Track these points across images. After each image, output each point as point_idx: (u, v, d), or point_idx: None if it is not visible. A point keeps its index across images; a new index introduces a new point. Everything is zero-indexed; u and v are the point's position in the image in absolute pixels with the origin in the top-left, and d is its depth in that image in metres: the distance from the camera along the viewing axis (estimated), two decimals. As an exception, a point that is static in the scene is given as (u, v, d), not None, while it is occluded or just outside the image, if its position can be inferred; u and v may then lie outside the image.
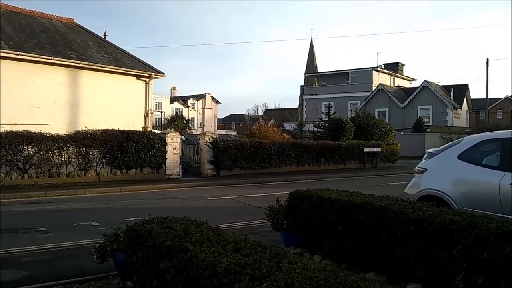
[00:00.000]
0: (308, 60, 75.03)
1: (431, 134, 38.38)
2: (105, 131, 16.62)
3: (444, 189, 6.59)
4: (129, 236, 4.75)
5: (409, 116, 46.62)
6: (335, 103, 46.90)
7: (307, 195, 6.19)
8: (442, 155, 7.08)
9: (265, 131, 26.78)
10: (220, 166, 19.26)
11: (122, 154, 16.65)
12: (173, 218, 4.80)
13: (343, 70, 56.54)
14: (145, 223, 4.66)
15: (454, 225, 4.38)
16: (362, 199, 5.49)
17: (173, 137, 18.39)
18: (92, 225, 9.18)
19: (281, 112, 66.16)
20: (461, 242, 4.26)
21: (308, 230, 6.12)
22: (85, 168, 16.31)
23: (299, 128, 40.82)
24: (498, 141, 6.54)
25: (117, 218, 9.76)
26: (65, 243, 7.50)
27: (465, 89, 50.60)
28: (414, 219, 4.72)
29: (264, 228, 8.03)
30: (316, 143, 23.54)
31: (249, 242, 3.71)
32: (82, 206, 11.78)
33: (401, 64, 58.98)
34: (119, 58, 21.32)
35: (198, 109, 79.29)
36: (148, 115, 21.50)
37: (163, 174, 17.81)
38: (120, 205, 12.15)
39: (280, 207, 6.72)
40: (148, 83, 21.61)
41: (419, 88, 48.66)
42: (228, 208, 11.60)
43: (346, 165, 23.96)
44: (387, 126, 27.97)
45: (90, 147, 16.24)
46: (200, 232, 4.12)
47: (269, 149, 20.55)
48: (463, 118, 50.68)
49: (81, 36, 21.67)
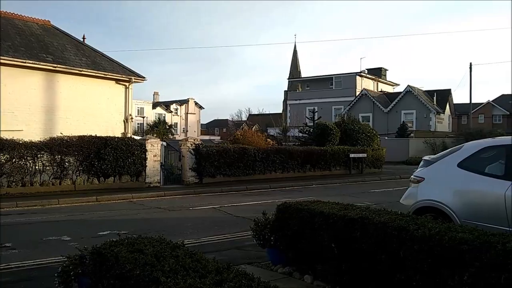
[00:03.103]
0: (292, 65, 74.78)
1: (415, 139, 38.25)
2: (82, 137, 15.87)
3: (444, 200, 6.09)
4: (94, 260, 4.13)
5: (393, 121, 46.55)
6: (319, 108, 46.60)
7: (296, 209, 5.62)
8: (441, 163, 6.58)
9: (249, 136, 26.17)
10: (203, 173, 18.62)
11: (99, 162, 15.90)
12: (145, 238, 4.19)
13: (326, 75, 56.37)
14: (113, 245, 4.05)
15: (465, 245, 3.84)
16: (358, 214, 4.94)
17: (153, 144, 17.70)
18: (62, 240, 8.49)
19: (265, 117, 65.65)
20: (474, 264, 3.73)
21: (298, 248, 5.55)
22: (60, 177, 15.52)
23: (284, 133, 40.28)
24: (501, 148, 6.06)
25: (91, 232, 9.14)
26: (30, 262, 6.81)
27: (448, 94, 50.81)
28: (418, 237, 4.17)
29: (249, 242, 7.46)
30: (301, 149, 23.05)
31: (233, 272, 3.13)
32: (55, 218, 11.05)
33: (384, 69, 59.05)
34: (97, 62, 20.59)
35: (181, 114, 78.38)
36: (128, 120, 20.79)
37: (143, 182, 17.08)
38: (95, 216, 11.42)
39: (266, 221, 6.14)
40: (128, 88, 20.91)
41: (402, 93, 48.67)
42: (210, 219, 10.97)
43: (331, 171, 23.53)
44: (372, 131, 27.62)
45: (65, 154, 15.46)
46: (175, 257, 3.53)
47: (253, 156, 20.00)
48: (446, 122, 50.86)
49: (58, 38, 20.89)
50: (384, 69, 58.99)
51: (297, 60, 75.31)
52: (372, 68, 56.56)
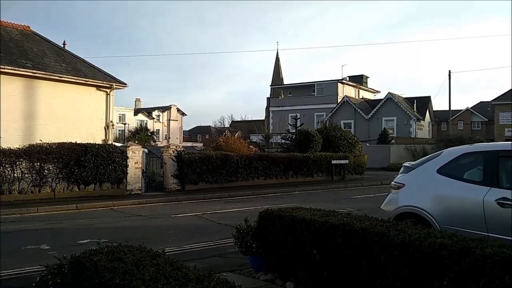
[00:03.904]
0: (274, 72, 75.07)
1: (396, 145, 38.70)
2: (62, 144, 15.63)
3: (424, 206, 6.15)
4: (73, 269, 4.06)
5: (374, 127, 47.07)
6: (301, 114, 46.80)
7: (278, 216, 5.62)
8: (420, 169, 6.65)
9: (232, 143, 26.14)
10: (185, 180, 18.50)
11: (79, 169, 15.68)
12: (125, 247, 4.14)
13: (309, 82, 56.73)
14: (92, 254, 3.99)
15: (444, 250, 3.89)
16: (339, 220, 4.96)
17: (135, 150, 17.54)
18: (41, 248, 8.33)
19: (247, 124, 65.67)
20: (454, 269, 3.78)
21: (280, 254, 5.55)
22: (39, 184, 15.24)
23: (266, 140, 40.38)
24: (479, 154, 6.16)
25: (70, 240, 9.00)
26: (7, 272, 6.65)
27: (428, 101, 51.63)
28: (399, 243, 4.21)
29: (232, 249, 7.42)
30: (284, 155, 23.10)
31: (214, 280, 3.10)
32: (33, 227, 10.83)
33: (366, 77, 59.75)
34: (78, 68, 20.37)
35: (163, 121, 78.08)
36: (109, 127, 20.58)
37: (124, 190, 16.89)
38: (75, 224, 11.24)
39: (248, 228, 6.12)
40: (109, 94, 20.71)
41: (383, 100, 49.29)
42: (192, 227, 10.89)
43: (314, 178, 23.61)
44: (354, 137, 27.82)
45: (45, 162, 15.20)
46: (155, 265, 3.49)
47: (236, 162, 19.96)
48: (426, 129, 51.62)
49: (38, 44, 20.62)
50: (365, 76, 59.70)
51: (279, 67, 75.65)
52: (354, 75, 57.20)
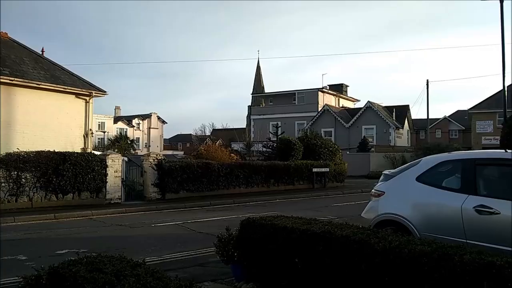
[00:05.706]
0: (255, 80, 75.26)
1: (375, 154, 39.13)
2: (39, 153, 15.39)
3: (404, 213, 6.22)
4: (52, 280, 3.98)
5: (354, 135, 47.55)
6: (282, 123, 47.03)
7: (260, 224, 5.62)
8: (400, 177, 6.73)
9: (213, 151, 26.10)
10: (166, 189, 18.36)
11: (58, 178, 15.44)
12: (105, 257, 4.08)
13: (289, 91, 57.08)
14: (71, 264, 3.92)
15: (424, 257, 3.94)
16: (321, 228, 4.98)
17: (114, 159, 17.35)
18: (18, 259, 8.14)
19: (229, 132, 65.59)
20: (434, 276, 3.83)
21: (262, 263, 5.54)
22: (16, 193, 14.95)
23: (248, 148, 40.43)
24: (457, 162, 6.26)
25: (48, 250, 8.83)
26: (-19, 284, 6.49)
27: (406, 109, 52.45)
28: (379, 250, 4.25)
29: (213, 258, 7.37)
30: (265, 163, 23.14)
31: (195, 290, 3.09)
32: (10, 237, 10.58)
33: (345, 85, 60.43)
34: (57, 75, 20.10)
35: (144, 129, 77.44)
36: (88, 135, 20.32)
37: (103, 199, 16.68)
38: (53, 234, 11.04)
39: (230, 237, 6.10)
40: (89, 102, 20.47)
41: (363, 108, 49.88)
42: (173, 236, 10.80)
43: (295, 186, 23.69)
44: (334, 146, 28.05)
45: (22, 170, 14.94)
46: (136, 276, 3.44)
47: (217, 170, 19.91)
48: (405, 137, 52.34)
49: (15, 51, 20.28)
50: (345, 85, 60.37)
51: (260, 75, 75.89)
52: (334, 84, 57.79)
